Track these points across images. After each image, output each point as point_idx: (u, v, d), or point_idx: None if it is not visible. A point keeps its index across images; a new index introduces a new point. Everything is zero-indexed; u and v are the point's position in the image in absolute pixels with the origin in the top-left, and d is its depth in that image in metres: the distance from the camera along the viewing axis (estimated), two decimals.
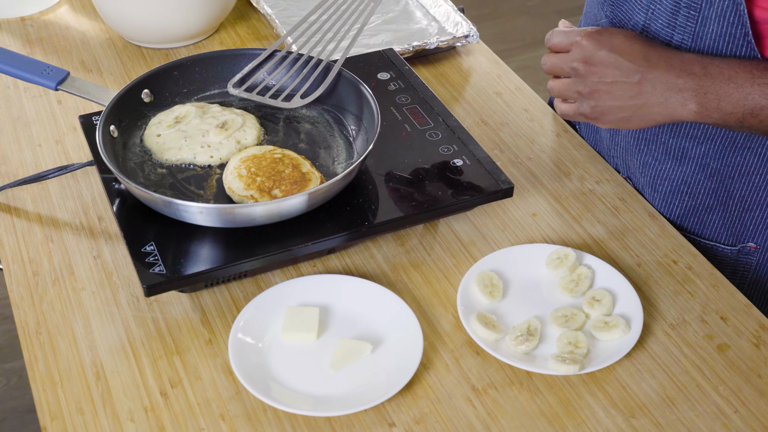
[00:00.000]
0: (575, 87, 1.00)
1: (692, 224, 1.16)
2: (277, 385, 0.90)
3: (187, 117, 1.11)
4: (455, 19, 1.42)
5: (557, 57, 1.01)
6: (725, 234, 1.15)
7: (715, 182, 1.11)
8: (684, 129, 1.09)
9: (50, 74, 1.10)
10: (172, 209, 0.98)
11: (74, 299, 1.00)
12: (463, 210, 1.08)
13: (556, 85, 1.02)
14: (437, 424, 0.88)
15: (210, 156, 1.07)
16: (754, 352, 0.95)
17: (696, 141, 1.09)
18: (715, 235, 1.15)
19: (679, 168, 1.13)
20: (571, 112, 1.02)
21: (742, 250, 1.14)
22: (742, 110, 0.94)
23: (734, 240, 1.14)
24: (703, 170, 1.11)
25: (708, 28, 1.00)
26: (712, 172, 1.11)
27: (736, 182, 1.10)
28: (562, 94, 1.02)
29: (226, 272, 0.97)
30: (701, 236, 1.16)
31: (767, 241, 1.13)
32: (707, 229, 1.15)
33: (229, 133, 1.08)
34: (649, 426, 0.88)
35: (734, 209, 1.12)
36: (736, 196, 1.11)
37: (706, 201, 1.13)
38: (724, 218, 1.13)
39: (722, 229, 1.14)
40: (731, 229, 1.14)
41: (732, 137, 1.07)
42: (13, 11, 1.49)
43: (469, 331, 0.95)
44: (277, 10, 1.48)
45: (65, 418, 0.89)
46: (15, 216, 1.11)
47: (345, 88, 1.14)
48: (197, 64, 1.17)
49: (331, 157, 1.11)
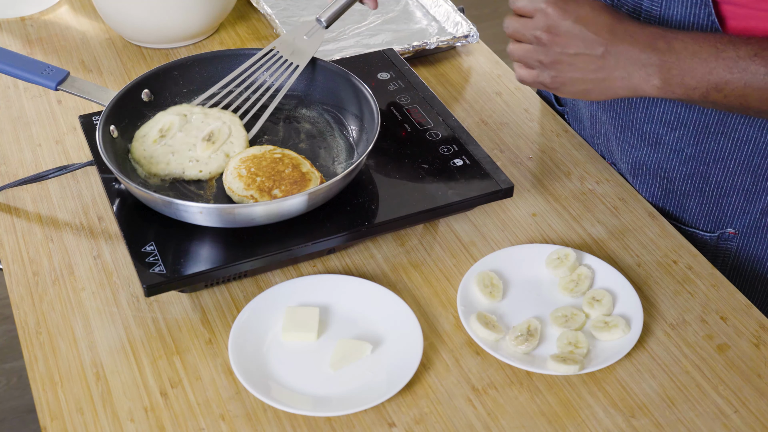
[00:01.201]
0: (536, 55, 0.97)
1: (672, 208, 1.17)
2: (277, 385, 0.90)
3: (171, 130, 1.09)
4: (455, 19, 1.42)
5: (520, 22, 0.97)
6: (704, 220, 1.16)
7: (690, 168, 1.12)
8: (657, 115, 1.10)
9: (50, 74, 1.10)
10: (172, 209, 0.98)
11: (74, 299, 1.00)
12: (463, 210, 1.08)
13: (516, 50, 0.99)
14: (437, 424, 0.88)
15: (199, 170, 1.06)
16: (754, 352, 0.95)
17: (669, 127, 1.10)
18: (695, 221, 1.16)
19: (655, 154, 1.14)
20: (530, 80, 1.00)
21: (721, 236, 1.15)
22: (706, 85, 0.94)
23: (713, 226, 1.16)
24: (678, 155, 1.12)
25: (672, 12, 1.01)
26: (687, 158, 1.11)
27: (712, 168, 1.11)
28: (522, 60, 0.99)
29: (226, 272, 0.97)
30: (682, 222, 1.17)
31: (746, 226, 1.14)
32: (687, 215, 1.17)
33: (217, 146, 1.07)
34: (649, 426, 0.88)
35: (711, 195, 1.13)
36: (712, 182, 1.12)
37: (683, 186, 1.14)
38: (702, 204, 1.14)
39: (701, 216, 1.16)
40: (709, 215, 1.15)
41: (705, 123, 1.07)
42: (13, 11, 1.49)
43: (469, 331, 0.95)
44: (277, 10, 1.48)
45: (65, 418, 0.89)
46: (15, 216, 1.11)
47: (345, 88, 1.14)
48: (197, 64, 1.17)
49: (331, 157, 1.11)
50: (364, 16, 1.47)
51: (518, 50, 0.99)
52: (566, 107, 1.31)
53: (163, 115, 1.11)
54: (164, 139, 1.08)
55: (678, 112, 1.08)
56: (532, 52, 0.98)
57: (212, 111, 1.12)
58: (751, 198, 1.12)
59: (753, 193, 1.11)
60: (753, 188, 1.11)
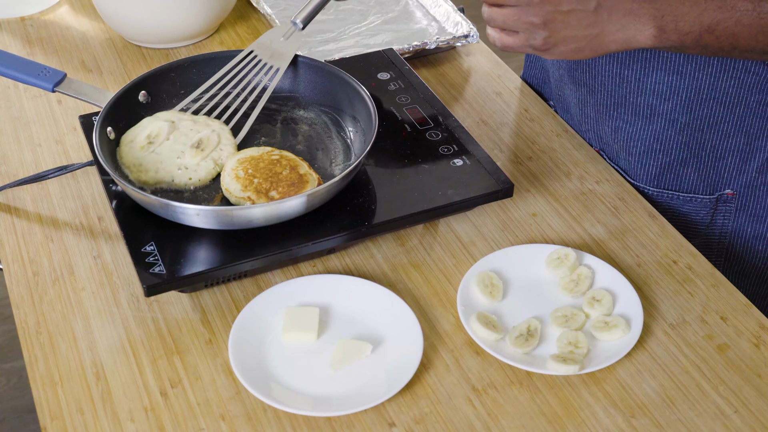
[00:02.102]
0: (525, 17, 0.92)
1: (669, 181, 1.18)
2: (277, 385, 0.90)
3: (159, 137, 1.07)
4: (455, 19, 1.42)
5: None
6: (702, 185, 1.17)
7: (685, 136, 1.13)
8: (650, 86, 1.11)
9: (47, 76, 1.10)
10: (169, 212, 0.98)
11: (74, 299, 1.00)
12: (463, 210, 1.08)
13: (498, 15, 0.93)
14: (437, 424, 0.88)
15: (189, 178, 1.05)
16: (754, 352, 0.95)
17: (662, 97, 1.11)
18: (693, 187, 1.18)
19: (650, 126, 1.14)
20: (517, 45, 0.95)
21: (720, 198, 1.17)
22: (698, 28, 0.93)
23: (711, 189, 1.17)
24: (673, 125, 1.13)
25: None
26: (682, 127, 1.13)
27: (706, 134, 1.12)
28: (507, 24, 0.93)
29: (226, 272, 0.97)
30: (680, 190, 1.18)
31: (743, 186, 1.16)
32: (684, 183, 1.18)
33: (206, 153, 1.06)
34: (649, 426, 0.88)
35: (707, 159, 1.15)
36: (707, 147, 1.13)
37: (680, 155, 1.15)
38: (699, 169, 1.16)
39: (698, 181, 1.17)
40: (707, 180, 1.16)
41: (697, 89, 1.08)
42: (13, 11, 1.49)
43: (469, 331, 0.95)
44: (277, 10, 1.48)
45: (65, 418, 0.89)
46: (15, 216, 1.11)
47: (342, 90, 1.14)
48: (194, 66, 1.17)
49: (329, 158, 1.11)
50: (364, 16, 1.47)
51: (500, 14, 0.93)
52: (551, 99, 1.32)
53: (150, 121, 1.10)
54: (152, 146, 1.07)
55: (670, 81, 1.09)
56: (520, 14, 0.93)
57: (201, 118, 1.11)
58: (746, 158, 1.14)
59: (747, 153, 1.13)
60: (747, 148, 1.13)
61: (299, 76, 1.18)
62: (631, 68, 1.11)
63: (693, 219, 1.19)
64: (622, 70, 1.12)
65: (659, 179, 1.18)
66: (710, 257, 1.20)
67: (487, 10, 0.94)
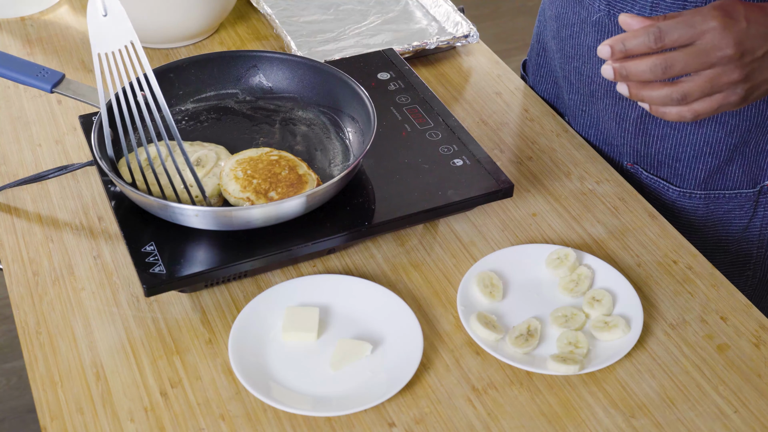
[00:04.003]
0: (727, 77, 0.88)
1: (715, 182, 1.18)
2: (277, 385, 0.90)
3: (156, 160, 1.06)
4: (455, 19, 1.42)
5: (689, 53, 0.87)
6: (746, 180, 1.18)
7: (734, 138, 1.14)
8: None
9: (45, 76, 1.09)
10: (168, 212, 0.97)
11: (74, 299, 1.00)
12: (463, 210, 1.08)
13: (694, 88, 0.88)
14: (437, 424, 0.88)
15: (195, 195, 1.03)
16: (754, 352, 0.95)
17: None
18: (738, 183, 1.18)
19: (700, 130, 1.14)
20: (712, 109, 0.90)
21: (762, 190, 1.18)
22: None
23: (753, 183, 1.18)
24: (723, 128, 1.13)
25: None
26: (732, 129, 1.13)
27: (753, 132, 1.13)
28: (705, 92, 0.89)
29: (226, 272, 0.97)
30: (725, 188, 1.19)
31: None
32: (730, 181, 1.18)
33: (207, 169, 1.05)
34: (649, 426, 0.88)
35: (750, 155, 1.15)
36: (751, 143, 1.14)
37: (728, 156, 1.15)
38: (743, 166, 1.16)
39: (743, 177, 1.17)
40: (749, 174, 1.17)
41: None
42: (13, 11, 1.49)
43: (469, 331, 0.95)
44: (277, 10, 1.48)
45: (65, 418, 0.89)
46: (15, 216, 1.11)
47: (341, 90, 1.14)
48: (193, 66, 1.17)
49: (328, 159, 1.11)
50: (364, 16, 1.47)
51: (696, 86, 0.89)
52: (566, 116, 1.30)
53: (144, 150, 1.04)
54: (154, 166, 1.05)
55: None
56: (719, 76, 0.88)
57: (196, 142, 1.10)
58: None
59: None
60: None
61: (298, 76, 1.18)
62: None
63: (736, 215, 1.20)
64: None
65: (707, 182, 1.18)
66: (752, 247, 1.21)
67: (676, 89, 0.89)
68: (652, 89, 0.89)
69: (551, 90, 1.33)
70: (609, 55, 0.88)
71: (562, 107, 1.32)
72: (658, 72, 0.87)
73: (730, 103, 0.91)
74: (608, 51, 0.88)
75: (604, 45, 0.88)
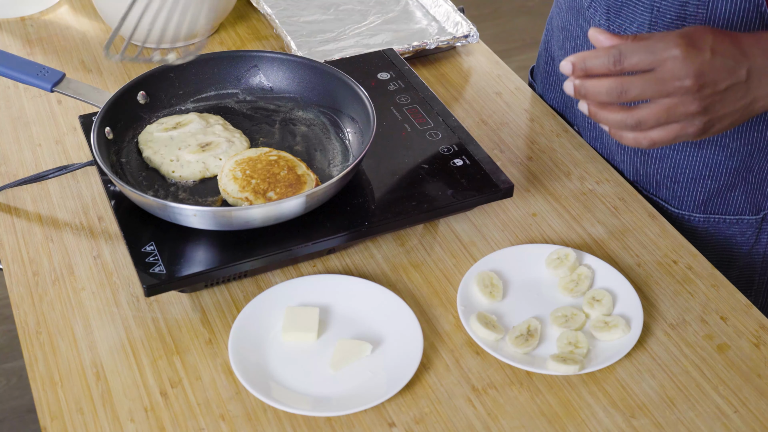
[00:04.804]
0: (684, 108, 0.86)
1: (716, 206, 1.16)
2: (277, 385, 0.90)
3: (183, 126, 1.10)
4: (455, 19, 1.42)
5: (647, 80, 0.84)
6: (748, 207, 1.16)
7: (735, 161, 1.12)
8: None
9: (45, 76, 1.10)
10: (167, 212, 0.97)
11: (74, 299, 1.00)
12: (463, 210, 1.08)
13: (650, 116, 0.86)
14: (437, 424, 0.88)
15: (172, 171, 1.06)
16: (754, 352, 0.95)
17: None
18: (740, 209, 1.16)
19: (699, 153, 1.12)
20: (669, 138, 0.88)
21: (765, 218, 1.16)
22: None
23: (756, 209, 1.16)
24: (724, 151, 1.11)
25: (720, 10, 0.98)
26: (732, 153, 1.11)
27: (756, 158, 1.11)
28: (661, 122, 0.86)
29: (226, 272, 0.97)
30: (726, 213, 1.17)
31: None
32: (731, 207, 1.16)
33: (203, 156, 1.07)
34: (649, 426, 0.88)
35: (754, 181, 1.13)
36: (755, 169, 1.12)
37: (729, 180, 1.13)
38: (746, 192, 1.14)
39: (745, 203, 1.15)
40: (753, 201, 1.15)
41: None
42: (13, 11, 1.49)
43: (469, 331, 0.95)
44: (277, 10, 1.48)
45: (65, 418, 0.89)
46: (15, 216, 1.11)
47: (341, 90, 1.14)
48: (193, 66, 1.17)
49: (327, 159, 1.11)
50: (364, 16, 1.47)
51: (651, 114, 0.86)
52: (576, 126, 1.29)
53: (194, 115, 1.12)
54: (174, 131, 1.09)
55: None
56: (676, 106, 0.86)
57: (234, 130, 1.12)
58: None
59: None
60: None
61: (298, 76, 1.18)
62: None
63: (738, 241, 1.17)
64: None
65: (707, 205, 1.16)
66: (754, 274, 1.19)
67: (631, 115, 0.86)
68: (609, 112, 0.87)
69: (559, 99, 1.33)
70: (570, 72, 0.86)
71: (571, 117, 1.30)
72: (613, 95, 0.85)
73: (687, 134, 0.88)
74: (570, 67, 0.86)
75: (567, 61, 0.86)
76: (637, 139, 0.88)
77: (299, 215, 1.00)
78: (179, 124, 1.10)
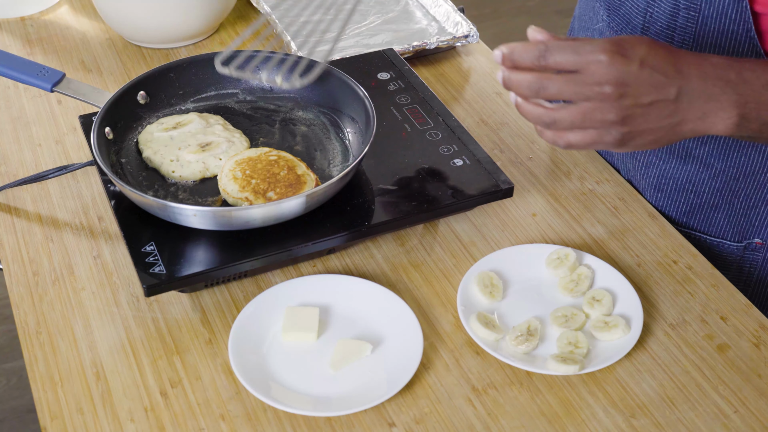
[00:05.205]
0: (601, 115, 0.83)
1: (698, 222, 1.15)
2: (277, 385, 0.90)
3: (183, 126, 1.10)
4: (455, 19, 1.42)
5: (568, 81, 0.82)
6: (731, 231, 1.14)
7: (719, 182, 1.11)
8: None
9: (46, 76, 1.10)
10: (167, 212, 0.97)
11: (74, 299, 1.00)
12: (463, 210, 1.08)
13: (565, 116, 0.84)
14: (437, 424, 0.88)
15: (172, 171, 1.06)
16: (754, 352, 0.95)
17: (699, 141, 1.09)
18: (721, 232, 1.15)
19: (683, 167, 1.12)
20: (585, 143, 0.85)
21: (748, 246, 1.14)
22: None
23: (740, 237, 1.14)
24: (708, 169, 1.10)
25: (709, 27, 0.99)
26: (717, 173, 1.10)
27: (741, 182, 1.09)
28: (576, 125, 0.84)
29: (226, 272, 0.97)
30: (707, 233, 1.16)
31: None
32: (713, 227, 1.15)
33: (203, 157, 1.07)
34: (649, 426, 0.88)
35: (740, 207, 1.12)
36: (741, 195, 1.11)
37: (711, 200, 1.12)
38: (730, 216, 1.13)
39: (728, 227, 1.14)
40: (737, 227, 1.13)
41: None
42: (13, 11, 1.49)
43: (469, 331, 0.95)
44: (277, 10, 1.48)
45: (65, 418, 0.89)
46: (15, 216, 1.11)
47: (341, 90, 1.14)
48: (193, 66, 1.17)
49: (327, 159, 1.11)
50: (364, 16, 1.47)
51: (567, 115, 0.84)
52: None
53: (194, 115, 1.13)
54: (174, 130, 1.09)
55: None
56: (593, 112, 0.83)
57: (234, 130, 1.12)
58: None
59: None
60: None
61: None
62: None
63: (719, 264, 1.14)
64: None
65: (688, 218, 1.15)
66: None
67: (548, 113, 0.85)
68: (531, 106, 0.86)
69: None
70: (500, 61, 0.85)
71: None
72: (532, 90, 0.83)
73: (605, 142, 0.85)
74: (500, 56, 0.85)
75: (498, 49, 0.85)
76: (554, 139, 0.86)
77: (299, 215, 1.00)
78: (179, 124, 1.10)
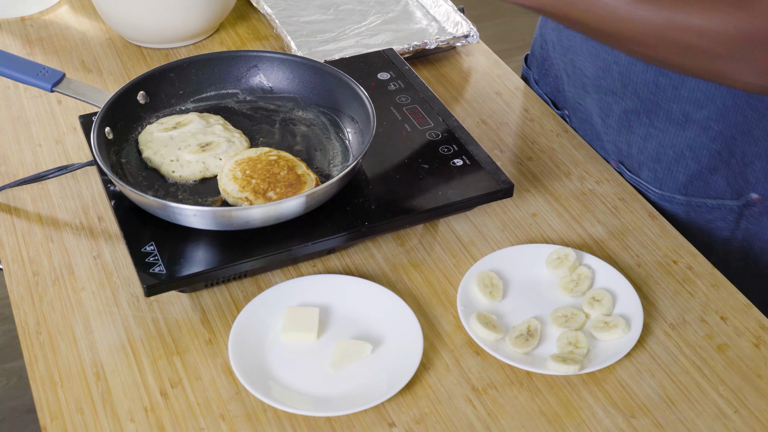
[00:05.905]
0: None
1: (697, 189, 1.17)
2: (277, 385, 0.90)
3: (183, 126, 1.10)
4: (455, 19, 1.42)
5: None
6: (729, 190, 1.16)
7: (718, 144, 1.12)
8: (685, 93, 1.10)
9: (46, 75, 1.10)
10: (167, 212, 0.97)
11: (74, 299, 1.00)
12: (463, 210, 1.08)
13: None
14: (437, 424, 0.88)
15: (172, 171, 1.06)
16: (754, 352, 0.95)
17: (698, 105, 1.10)
18: (720, 193, 1.16)
19: (682, 134, 1.13)
20: None
21: (747, 202, 1.16)
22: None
23: (737, 194, 1.16)
24: (707, 132, 1.12)
25: None
26: (716, 134, 1.11)
27: (738, 141, 1.11)
28: None
29: (226, 272, 0.97)
30: (707, 197, 1.17)
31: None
32: (712, 190, 1.16)
33: (203, 156, 1.07)
34: (649, 426, 0.88)
35: (736, 165, 1.13)
36: (737, 153, 1.12)
37: (711, 162, 1.14)
38: (728, 176, 1.14)
39: (726, 187, 1.15)
40: (734, 186, 1.15)
41: (733, 96, 1.07)
42: (13, 11, 1.49)
43: (469, 331, 0.95)
44: (277, 10, 1.48)
45: (65, 418, 0.89)
46: (15, 216, 1.11)
47: (341, 90, 1.14)
48: (193, 66, 1.17)
49: (327, 159, 1.11)
50: (364, 16, 1.47)
51: None
52: (566, 110, 1.31)
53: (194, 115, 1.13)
54: (174, 130, 1.09)
55: (706, 88, 1.08)
56: None
57: (234, 130, 1.12)
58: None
59: None
60: None
61: (298, 76, 1.18)
62: (667, 75, 1.10)
63: (717, 226, 1.18)
64: (657, 77, 1.11)
65: (687, 187, 1.17)
66: (731, 259, 1.19)
67: None
68: None
69: (552, 83, 1.33)
70: None
71: (562, 101, 1.31)
72: None
73: None
74: None
75: None
76: None
77: (299, 215, 1.00)
78: (179, 124, 1.10)
